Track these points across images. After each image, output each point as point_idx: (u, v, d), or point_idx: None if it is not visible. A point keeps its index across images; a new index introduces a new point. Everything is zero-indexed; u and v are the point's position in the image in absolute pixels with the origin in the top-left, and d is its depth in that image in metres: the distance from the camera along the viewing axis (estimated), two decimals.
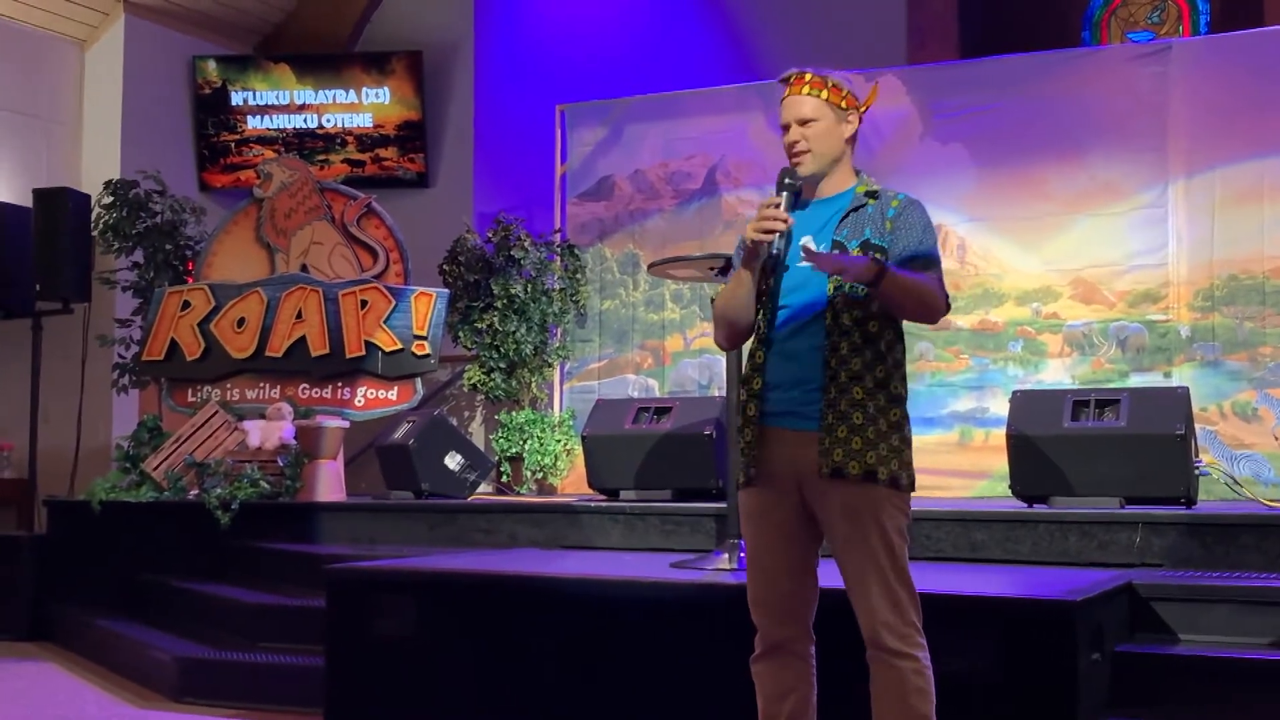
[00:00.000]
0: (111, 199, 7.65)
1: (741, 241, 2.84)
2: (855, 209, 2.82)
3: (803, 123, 2.82)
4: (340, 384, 7.01)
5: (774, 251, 2.79)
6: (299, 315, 7.05)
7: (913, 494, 2.77)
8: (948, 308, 2.81)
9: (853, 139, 2.87)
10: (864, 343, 2.73)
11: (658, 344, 7.55)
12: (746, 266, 2.83)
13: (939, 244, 2.91)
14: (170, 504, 6.49)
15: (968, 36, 8.49)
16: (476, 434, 8.25)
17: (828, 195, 2.87)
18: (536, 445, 7.44)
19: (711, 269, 4.27)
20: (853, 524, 2.70)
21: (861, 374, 2.71)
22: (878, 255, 2.73)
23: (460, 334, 7.60)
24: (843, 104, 2.83)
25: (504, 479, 7.54)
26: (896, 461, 2.72)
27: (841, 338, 2.73)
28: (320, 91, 9.18)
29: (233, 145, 9.19)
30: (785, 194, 2.81)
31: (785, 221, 2.76)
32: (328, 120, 9.18)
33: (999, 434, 5.48)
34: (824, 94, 2.82)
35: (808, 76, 2.84)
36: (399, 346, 6.97)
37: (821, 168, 2.85)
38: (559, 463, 7.50)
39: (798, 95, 2.84)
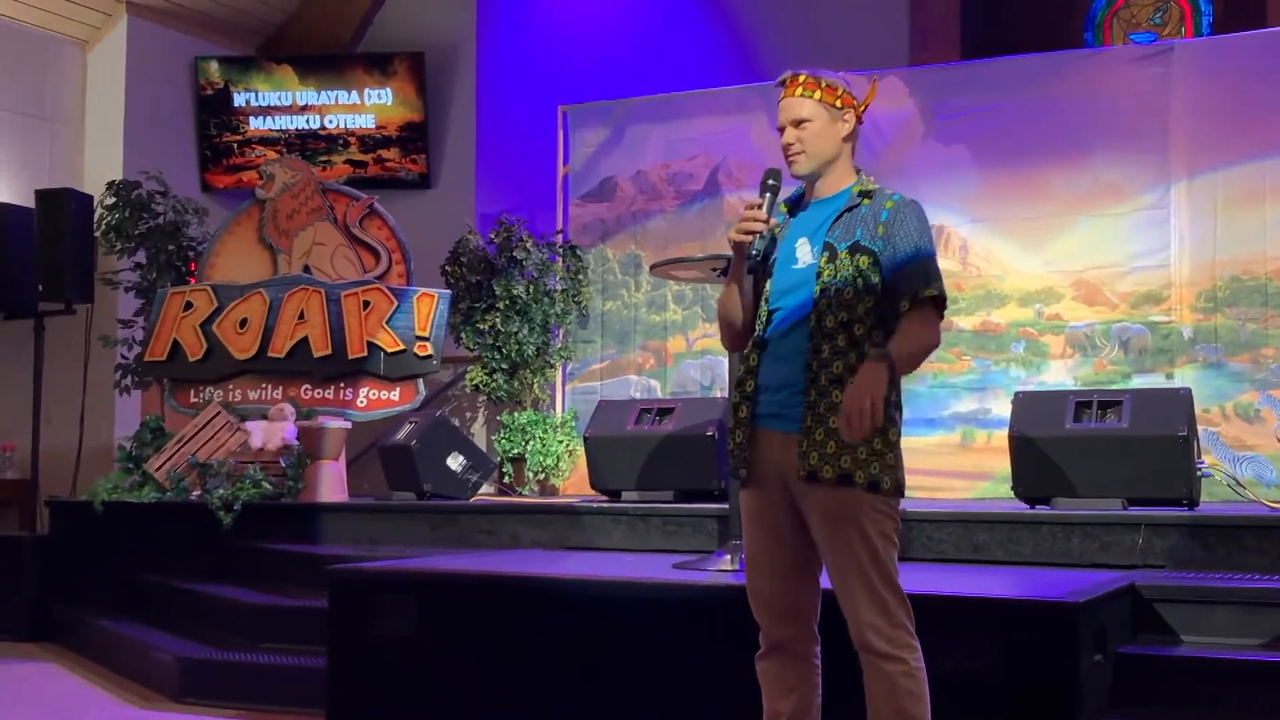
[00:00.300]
0: (114, 200, 7.65)
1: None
2: (849, 209, 2.82)
3: (797, 124, 2.83)
4: (342, 385, 7.02)
5: (753, 253, 2.81)
6: (301, 316, 7.06)
7: (902, 497, 2.75)
8: (943, 311, 2.79)
9: (850, 138, 2.88)
10: (848, 346, 2.72)
11: (660, 345, 7.55)
12: (735, 269, 2.86)
13: (939, 245, 2.90)
14: (172, 504, 6.49)
15: (969, 37, 8.48)
16: (478, 435, 8.25)
17: (825, 195, 2.88)
18: (538, 446, 7.44)
19: (714, 270, 4.28)
20: (833, 527, 2.70)
21: (843, 377, 2.69)
22: (872, 349, 2.69)
23: (462, 335, 7.60)
24: (837, 103, 2.84)
25: (506, 480, 7.54)
26: (877, 465, 2.69)
27: (824, 340, 2.73)
28: (322, 92, 9.18)
29: (235, 146, 9.20)
30: (767, 195, 2.83)
31: (765, 223, 2.79)
32: (330, 121, 9.18)
33: (1001, 435, 5.48)
34: (817, 94, 2.83)
35: (801, 78, 2.85)
36: (401, 347, 6.97)
37: (817, 168, 2.86)
38: (561, 464, 7.50)
39: (792, 97, 2.85)
